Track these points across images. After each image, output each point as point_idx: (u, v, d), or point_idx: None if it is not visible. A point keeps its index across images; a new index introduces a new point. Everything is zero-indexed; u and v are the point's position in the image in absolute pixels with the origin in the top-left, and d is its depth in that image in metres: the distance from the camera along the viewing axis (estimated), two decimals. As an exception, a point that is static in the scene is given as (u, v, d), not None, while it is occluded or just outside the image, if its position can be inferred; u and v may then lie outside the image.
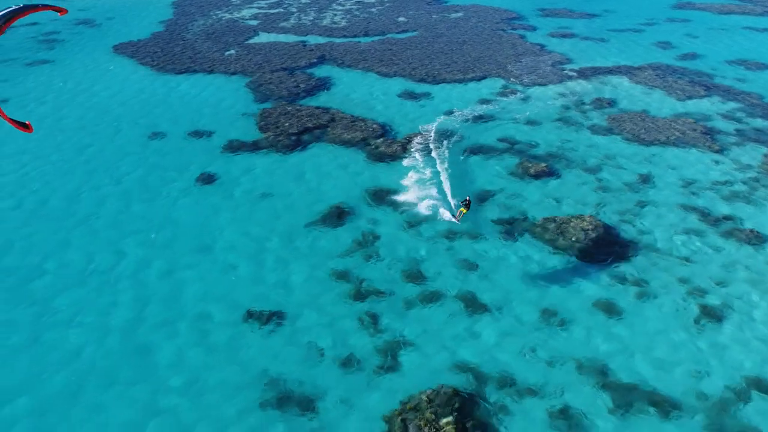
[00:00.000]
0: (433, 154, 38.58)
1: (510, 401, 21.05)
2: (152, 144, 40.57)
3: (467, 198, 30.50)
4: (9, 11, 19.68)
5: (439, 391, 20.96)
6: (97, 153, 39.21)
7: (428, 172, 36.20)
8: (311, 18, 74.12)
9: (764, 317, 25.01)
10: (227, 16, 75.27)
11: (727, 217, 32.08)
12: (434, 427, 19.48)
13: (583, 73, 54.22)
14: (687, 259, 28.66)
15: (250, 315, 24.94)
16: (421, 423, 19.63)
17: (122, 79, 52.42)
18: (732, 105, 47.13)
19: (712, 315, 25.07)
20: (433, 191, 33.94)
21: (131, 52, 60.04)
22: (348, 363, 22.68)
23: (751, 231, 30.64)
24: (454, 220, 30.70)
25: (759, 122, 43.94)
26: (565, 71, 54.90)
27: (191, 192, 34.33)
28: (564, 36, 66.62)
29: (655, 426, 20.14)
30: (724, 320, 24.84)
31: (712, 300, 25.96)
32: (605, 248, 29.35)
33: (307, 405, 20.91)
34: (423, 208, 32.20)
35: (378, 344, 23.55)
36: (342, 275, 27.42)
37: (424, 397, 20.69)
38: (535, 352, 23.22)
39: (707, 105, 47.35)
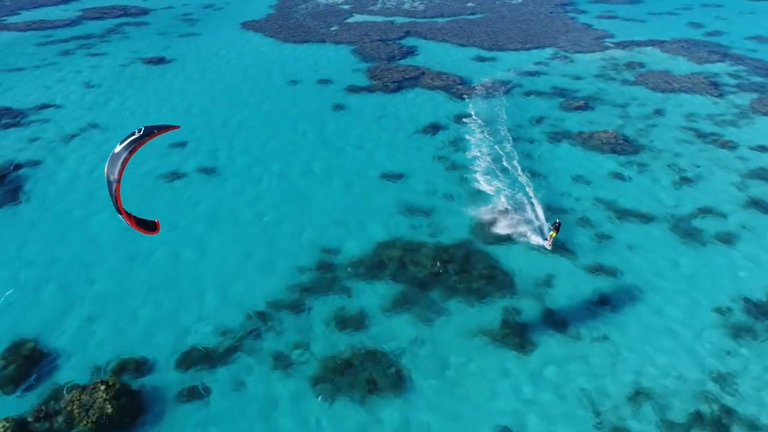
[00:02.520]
0: (499, 93, 52.64)
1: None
2: (294, 87, 55.99)
3: (557, 221, 31.20)
4: (131, 141, 19.56)
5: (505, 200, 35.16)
6: (258, 91, 54.87)
7: (495, 103, 50.31)
8: (394, 3, 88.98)
9: (722, 182, 38.07)
10: (323, 1, 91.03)
11: (713, 133, 44.91)
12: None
13: (621, 45, 67.00)
14: (677, 154, 41.78)
15: (383, 175, 39.56)
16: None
17: (260, 48, 68.41)
18: (739, 67, 59.20)
19: (688, 180, 38.30)
20: (497, 114, 48.15)
21: (256, 28, 76.25)
22: (449, 197, 36.95)
23: (729, 141, 43.45)
24: (545, 244, 31.67)
25: (757, 78, 56.00)
26: (606, 43, 67.80)
27: (334, 114, 49.42)
28: (608, 17, 79.22)
29: (638, 226, 33.66)
30: (694, 183, 38.00)
31: (689, 174, 39.13)
32: (621, 147, 42.71)
33: (426, 212, 35.20)
34: (489, 125, 46.35)
35: (466, 189, 37.72)
36: (442, 158, 41.76)
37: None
38: (566, 195, 36.96)
39: (719, 67, 59.55)
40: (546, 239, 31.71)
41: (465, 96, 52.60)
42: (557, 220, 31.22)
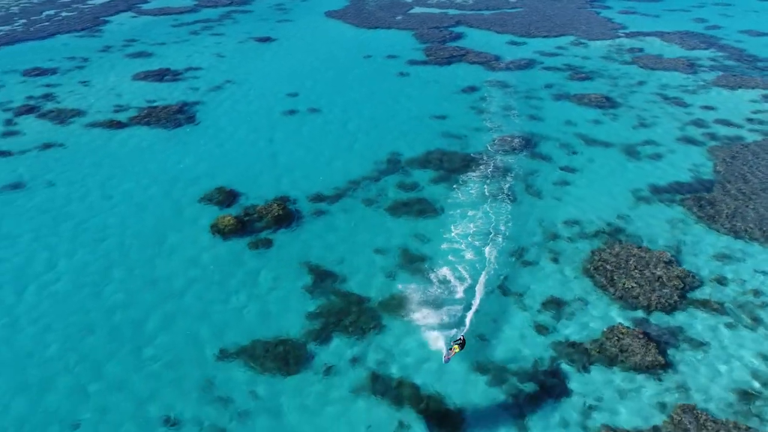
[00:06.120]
0: (523, 67, 70.02)
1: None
2: (368, 60, 74.93)
3: (461, 337, 28.90)
4: None
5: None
6: (341, 62, 74.02)
7: (518, 74, 67.82)
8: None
9: (667, 126, 54.56)
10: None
11: (675, 97, 61.18)
12: (510, 140, 51.54)
13: (629, 35, 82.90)
14: (644, 110, 58.39)
15: (432, 116, 57.78)
16: (505, 139, 51.78)
17: (340, 31, 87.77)
18: (719, 53, 74.49)
19: (644, 125, 55.00)
20: (519, 82, 65.69)
21: (337, 16, 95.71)
22: (473, 129, 54.86)
23: (685, 102, 59.81)
24: (443, 357, 28.64)
25: (729, 62, 71.33)
26: (618, 33, 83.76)
27: (398, 78, 68.06)
28: (627, 13, 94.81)
29: (599, 149, 50.71)
30: (647, 126, 54.67)
31: (647, 121, 55.79)
32: (603, 104, 59.57)
33: (457, 136, 53.21)
34: (511, 88, 63.91)
35: (484, 125, 55.52)
36: (473, 107, 59.69)
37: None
38: (555, 130, 54.23)
39: (703, 53, 74.94)
40: (450, 349, 28.53)
41: (497, 69, 70.29)
42: (461, 337, 28.96)
